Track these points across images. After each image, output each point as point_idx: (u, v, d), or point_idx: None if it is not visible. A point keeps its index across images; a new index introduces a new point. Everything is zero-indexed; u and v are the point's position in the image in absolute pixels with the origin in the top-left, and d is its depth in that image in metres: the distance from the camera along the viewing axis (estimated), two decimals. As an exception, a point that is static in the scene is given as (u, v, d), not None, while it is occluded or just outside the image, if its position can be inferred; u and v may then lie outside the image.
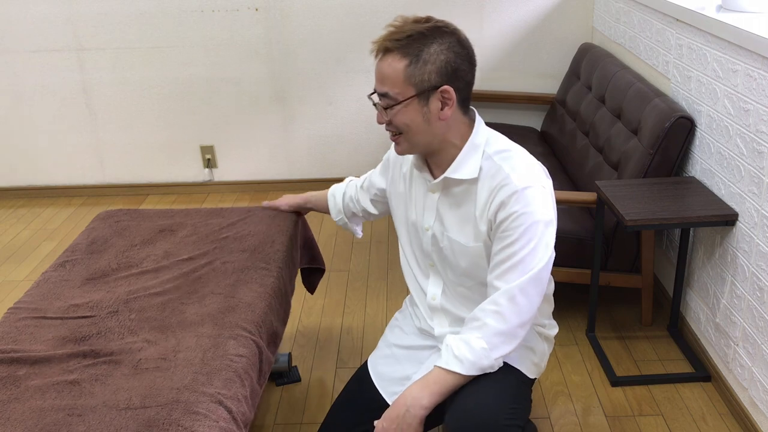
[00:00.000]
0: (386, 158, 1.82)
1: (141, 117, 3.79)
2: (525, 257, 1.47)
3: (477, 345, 1.48)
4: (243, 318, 1.72)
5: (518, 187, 1.47)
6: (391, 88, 1.47)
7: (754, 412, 2.04)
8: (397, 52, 1.45)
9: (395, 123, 1.51)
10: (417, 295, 1.76)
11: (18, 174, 3.95)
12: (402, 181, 1.73)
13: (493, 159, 1.53)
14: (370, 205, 1.95)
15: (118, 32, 3.61)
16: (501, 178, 1.49)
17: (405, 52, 1.45)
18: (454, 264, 1.62)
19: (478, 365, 1.49)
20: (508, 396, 1.53)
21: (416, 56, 1.45)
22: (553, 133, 3.36)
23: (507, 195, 1.47)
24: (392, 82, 1.46)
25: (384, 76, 1.47)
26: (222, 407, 1.44)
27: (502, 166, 1.51)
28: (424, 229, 1.65)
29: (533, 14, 3.56)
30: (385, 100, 1.49)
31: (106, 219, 2.29)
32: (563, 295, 2.73)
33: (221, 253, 2.02)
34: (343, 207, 2.01)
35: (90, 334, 1.68)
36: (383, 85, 1.48)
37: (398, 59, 1.45)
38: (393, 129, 1.53)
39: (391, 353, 1.80)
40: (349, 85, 3.72)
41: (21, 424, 1.39)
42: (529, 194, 1.47)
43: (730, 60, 2.13)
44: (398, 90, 1.46)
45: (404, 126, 1.50)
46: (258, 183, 3.93)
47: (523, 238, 1.47)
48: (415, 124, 1.49)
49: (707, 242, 2.30)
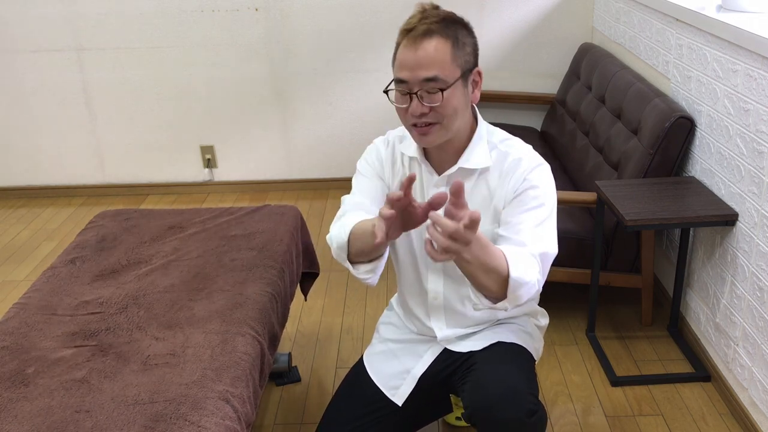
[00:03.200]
0: (369, 162, 1.68)
1: (141, 117, 3.79)
2: (544, 222, 1.49)
3: (534, 274, 1.41)
4: (250, 316, 1.74)
5: (531, 166, 1.52)
6: (440, 71, 1.43)
7: (754, 412, 2.04)
8: (439, 34, 1.43)
9: (442, 109, 1.45)
10: (415, 297, 1.74)
11: (18, 174, 3.95)
12: (393, 179, 1.68)
13: (499, 147, 1.56)
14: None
15: (118, 32, 3.61)
16: (513, 160, 1.53)
17: (446, 34, 1.44)
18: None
19: (517, 291, 1.39)
20: (526, 369, 1.57)
21: (455, 38, 1.45)
22: (553, 133, 3.36)
23: (524, 172, 1.51)
24: (441, 64, 1.43)
25: (431, 59, 1.42)
26: (229, 405, 1.45)
27: (509, 152, 1.55)
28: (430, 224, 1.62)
29: (533, 14, 3.56)
30: (432, 84, 1.43)
31: (114, 217, 2.31)
32: (563, 295, 2.73)
33: (230, 251, 2.03)
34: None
35: (99, 330, 1.70)
36: (430, 69, 1.42)
37: (443, 41, 1.43)
38: (431, 118, 1.46)
39: (387, 349, 1.80)
40: (349, 85, 3.72)
41: (29, 421, 1.40)
42: (541, 170, 1.53)
43: (730, 60, 2.13)
44: (447, 72, 1.44)
45: (452, 110, 1.46)
46: (258, 183, 3.93)
47: (540, 210, 1.49)
48: (460, 107, 1.48)
49: (707, 242, 2.30)
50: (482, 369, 1.53)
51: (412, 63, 1.43)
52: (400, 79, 1.46)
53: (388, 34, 3.58)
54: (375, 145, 1.70)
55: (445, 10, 1.49)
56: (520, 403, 1.45)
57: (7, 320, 1.75)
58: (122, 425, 1.37)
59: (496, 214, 1.55)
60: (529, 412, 1.45)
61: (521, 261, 1.40)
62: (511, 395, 1.45)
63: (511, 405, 1.44)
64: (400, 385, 1.70)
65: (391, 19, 3.55)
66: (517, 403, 1.45)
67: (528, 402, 1.46)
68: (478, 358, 1.62)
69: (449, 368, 1.68)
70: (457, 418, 2.11)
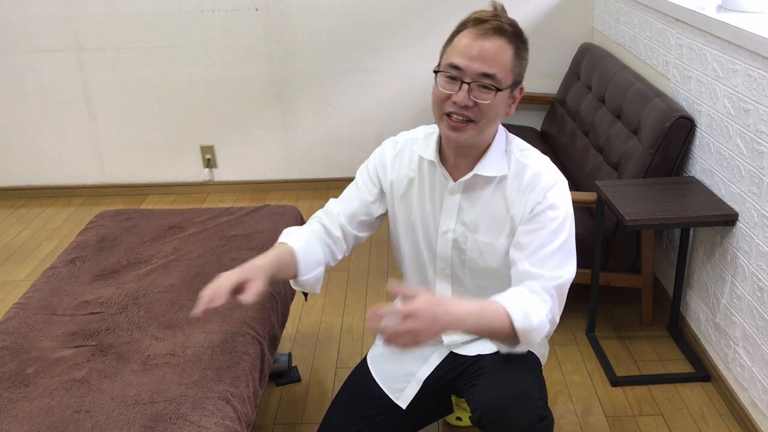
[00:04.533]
0: (374, 166, 1.67)
1: (141, 117, 3.79)
2: (562, 247, 1.48)
3: (543, 313, 1.43)
4: (250, 316, 1.74)
5: (551, 183, 1.49)
6: (499, 71, 1.40)
7: (754, 412, 2.04)
8: (507, 37, 1.42)
9: (485, 108, 1.42)
10: None
11: (18, 174, 3.95)
12: (402, 187, 1.64)
13: (516, 156, 1.54)
14: (359, 231, 1.69)
15: (118, 32, 3.61)
16: (532, 174, 1.51)
17: (513, 41, 1.43)
18: (480, 266, 1.59)
19: (528, 336, 1.41)
20: (536, 374, 1.56)
21: (518, 48, 1.44)
22: (553, 133, 3.36)
23: (543, 190, 1.49)
24: (501, 65, 1.41)
25: (494, 57, 1.40)
26: (229, 405, 1.45)
27: (527, 164, 1.52)
28: (443, 232, 1.59)
29: (533, 14, 3.56)
30: (488, 80, 1.40)
31: (114, 217, 2.31)
32: (563, 295, 2.73)
33: (229, 251, 2.03)
34: (325, 255, 1.64)
35: (99, 330, 1.70)
36: (492, 66, 1.40)
37: (508, 45, 1.42)
38: (468, 114, 1.43)
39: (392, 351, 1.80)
40: (349, 85, 3.72)
41: (29, 421, 1.40)
42: (560, 189, 1.50)
43: (730, 60, 2.13)
44: (504, 75, 1.42)
45: (493, 114, 1.44)
46: (258, 183, 3.93)
47: (558, 231, 1.48)
48: (500, 114, 1.46)
49: (707, 242, 2.30)
50: (492, 373, 1.52)
51: (475, 53, 1.39)
52: (455, 65, 1.41)
53: (388, 34, 3.58)
54: (381, 147, 1.69)
55: (514, 21, 1.47)
56: (531, 408, 1.45)
57: (7, 320, 1.76)
58: (122, 425, 1.37)
59: (513, 228, 1.52)
60: (539, 417, 1.45)
61: (523, 307, 1.40)
62: (523, 400, 1.45)
63: (522, 410, 1.44)
64: (405, 388, 1.69)
65: (391, 19, 3.55)
66: (528, 409, 1.44)
67: (538, 407, 1.46)
68: (487, 362, 1.60)
69: (455, 371, 1.66)
70: (458, 418, 2.11)
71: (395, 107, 3.75)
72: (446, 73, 1.43)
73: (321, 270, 1.63)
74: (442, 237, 1.60)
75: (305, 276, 1.60)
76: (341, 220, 1.65)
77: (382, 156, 1.67)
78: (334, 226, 1.65)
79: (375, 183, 1.67)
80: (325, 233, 1.65)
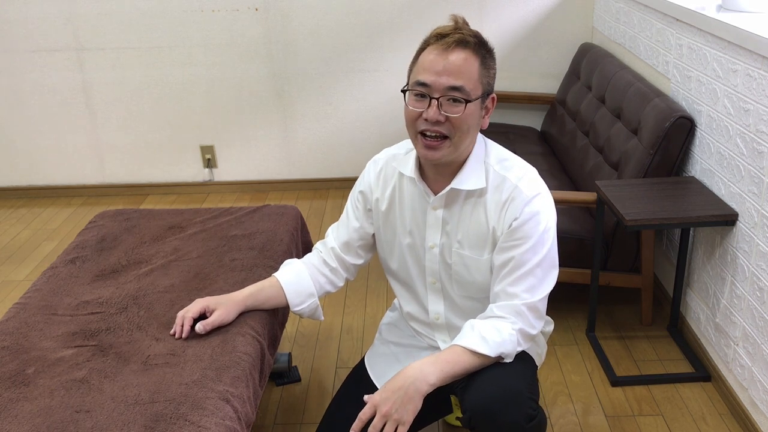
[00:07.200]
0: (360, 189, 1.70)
1: (141, 117, 3.79)
2: (541, 262, 1.50)
3: (506, 330, 1.49)
4: (250, 316, 1.73)
5: (529, 196, 1.48)
6: (467, 83, 1.41)
7: (754, 412, 2.04)
8: (472, 49, 1.42)
9: (457, 122, 1.42)
10: (416, 315, 1.74)
11: (18, 174, 3.95)
12: (385, 204, 1.65)
13: (495, 169, 1.53)
14: (358, 257, 1.75)
15: (118, 32, 3.61)
16: (510, 189, 1.50)
17: (477, 52, 1.43)
18: (466, 280, 1.59)
19: (501, 348, 1.48)
20: (528, 374, 1.57)
21: (484, 58, 1.44)
22: (553, 133, 3.36)
23: (520, 204, 1.48)
24: (468, 77, 1.41)
25: (460, 70, 1.40)
26: (229, 406, 1.45)
27: (506, 177, 1.51)
28: (429, 247, 1.60)
29: (533, 14, 3.56)
30: (456, 93, 1.41)
31: (114, 217, 2.31)
32: (563, 295, 2.73)
33: (229, 251, 2.03)
34: (320, 286, 1.73)
35: (99, 330, 1.70)
36: (458, 79, 1.40)
37: (473, 56, 1.42)
38: (442, 130, 1.43)
39: (390, 352, 1.80)
40: (349, 85, 3.72)
41: (29, 421, 1.40)
42: (539, 202, 1.49)
43: (730, 60, 2.13)
44: (472, 87, 1.42)
45: (465, 127, 1.44)
46: (258, 183, 3.93)
47: (537, 246, 1.49)
48: (473, 126, 1.46)
49: (707, 242, 2.31)
50: (484, 374, 1.52)
51: (440, 68, 1.40)
52: (423, 82, 1.42)
53: (388, 34, 3.58)
54: (366, 168, 1.70)
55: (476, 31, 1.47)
56: (519, 406, 1.44)
57: (7, 320, 1.76)
58: (122, 425, 1.37)
59: (495, 242, 1.53)
60: (528, 416, 1.44)
61: (486, 336, 1.47)
62: (511, 398, 1.45)
63: (510, 408, 1.44)
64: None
65: (391, 19, 3.55)
66: (516, 407, 1.44)
67: (527, 406, 1.45)
68: None
69: None
70: (458, 418, 2.10)
71: (395, 107, 3.75)
72: (414, 91, 1.44)
73: (314, 300, 1.73)
74: (429, 252, 1.61)
75: (298, 307, 1.72)
76: (336, 251, 1.73)
77: (367, 176, 1.69)
78: (330, 258, 1.73)
79: (363, 206, 1.70)
80: (322, 264, 1.74)
